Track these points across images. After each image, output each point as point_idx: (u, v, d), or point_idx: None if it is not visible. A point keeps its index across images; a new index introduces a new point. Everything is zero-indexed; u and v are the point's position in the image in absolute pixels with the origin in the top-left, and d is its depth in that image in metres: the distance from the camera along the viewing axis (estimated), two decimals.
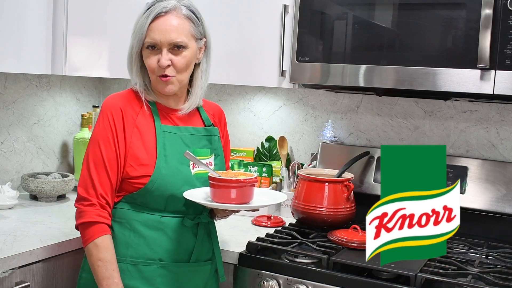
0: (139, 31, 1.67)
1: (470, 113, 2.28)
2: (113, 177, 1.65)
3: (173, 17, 1.66)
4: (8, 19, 2.17)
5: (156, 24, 1.65)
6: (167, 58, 1.65)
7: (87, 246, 1.62)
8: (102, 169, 1.64)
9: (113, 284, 1.59)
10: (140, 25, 1.67)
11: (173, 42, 1.65)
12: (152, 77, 1.70)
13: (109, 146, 1.65)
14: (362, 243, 1.95)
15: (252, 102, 2.67)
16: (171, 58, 1.66)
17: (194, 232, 1.73)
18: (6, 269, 1.73)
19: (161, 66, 1.65)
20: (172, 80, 1.67)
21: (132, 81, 1.75)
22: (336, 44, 2.05)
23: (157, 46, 1.65)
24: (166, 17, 1.66)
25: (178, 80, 1.69)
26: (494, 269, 1.83)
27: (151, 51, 1.67)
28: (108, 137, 1.65)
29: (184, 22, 1.67)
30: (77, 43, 2.43)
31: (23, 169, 2.60)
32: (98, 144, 1.66)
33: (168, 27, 1.65)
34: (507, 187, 2.12)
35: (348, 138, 2.49)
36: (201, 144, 1.77)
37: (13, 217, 2.18)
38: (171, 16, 1.66)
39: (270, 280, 1.84)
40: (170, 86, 1.68)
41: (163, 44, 1.65)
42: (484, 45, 1.78)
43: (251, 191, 1.67)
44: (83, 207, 1.63)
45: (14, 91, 2.54)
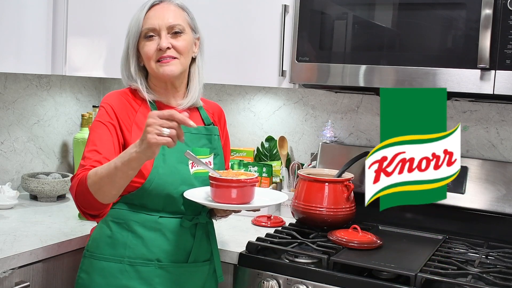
0: (135, 25, 1.69)
1: (470, 113, 2.28)
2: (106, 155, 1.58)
3: (168, 5, 1.71)
4: (8, 19, 2.17)
5: (152, 12, 1.69)
6: (167, 40, 1.66)
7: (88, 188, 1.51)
8: (92, 149, 1.61)
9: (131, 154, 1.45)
10: (135, 19, 1.69)
11: (171, 25, 1.67)
12: (151, 64, 1.69)
13: (103, 130, 1.64)
14: (362, 243, 1.95)
15: (252, 102, 2.67)
16: (171, 41, 1.68)
17: (192, 232, 1.73)
18: (6, 269, 1.73)
19: (161, 48, 1.66)
20: (173, 62, 1.68)
21: (126, 83, 1.75)
22: (336, 44, 2.05)
23: (155, 31, 1.67)
24: (161, 5, 1.70)
25: (181, 62, 1.70)
26: (494, 269, 1.83)
27: (148, 39, 1.68)
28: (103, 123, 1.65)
29: (180, 10, 1.72)
30: (77, 43, 2.43)
31: (23, 169, 2.60)
32: (92, 131, 1.66)
33: (166, 12, 1.68)
34: (507, 187, 2.12)
35: (348, 138, 2.48)
36: (200, 143, 1.77)
37: (13, 217, 2.18)
38: (166, 4, 1.71)
39: (270, 280, 1.84)
40: (171, 67, 1.68)
41: (161, 27, 1.67)
42: (484, 45, 1.78)
43: (252, 191, 1.66)
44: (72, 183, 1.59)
45: (14, 91, 2.54)
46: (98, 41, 2.47)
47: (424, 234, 2.20)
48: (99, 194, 1.52)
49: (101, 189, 1.51)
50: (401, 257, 1.90)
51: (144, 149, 1.41)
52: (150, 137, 1.38)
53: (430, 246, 2.04)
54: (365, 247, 1.94)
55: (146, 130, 1.39)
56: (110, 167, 1.49)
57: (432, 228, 2.21)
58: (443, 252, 1.97)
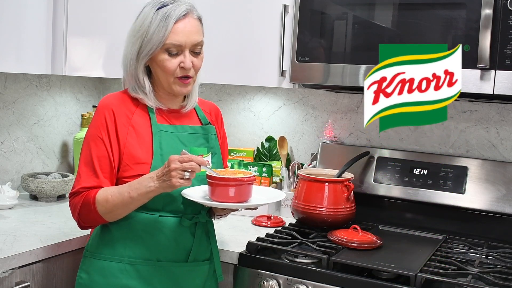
0: (157, 35, 1.64)
1: (470, 113, 2.28)
2: (103, 175, 1.65)
3: (192, 19, 1.69)
4: (8, 19, 2.17)
5: (179, 27, 1.65)
6: (190, 59, 1.68)
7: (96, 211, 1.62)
8: (90, 168, 1.65)
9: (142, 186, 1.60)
10: (158, 28, 1.64)
11: (196, 43, 1.68)
12: (169, 79, 1.69)
13: (99, 145, 1.66)
14: (362, 243, 1.95)
15: (252, 102, 2.67)
16: (192, 60, 1.69)
17: (192, 231, 1.73)
18: (6, 269, 1.73)
19: (186, 68, 1.67)
20: (190, 81, 1.71)
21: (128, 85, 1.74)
22: (336, 44, 2.05)
23: (180, 48, 1.66)
24: (186, 20, 1.67)
25: (194, 80, 1.74)
26: (494, 269, 1.83)
27: (171, 55, 1.67)
28: (99, 136, 1.66)
29: (199, 24, 1.72)
30: (77, 43, 2.43)
31: (23, 169, 2.60)
32: (88, 143, 1.68)
33: (191, 29, 1.67)
34: (507, 187, 2.12)
35: (348, 138, 2.48)
36: (198, 142, 1.77)
37: (13, 217, 2.18)
38: (190, 18, 1.68)
39: (270, 280, 1.84)
40: (189, 87, 1.72)
41: (187, 45, 1.67)
42: (484, 45, 1.78)
43: (249, 190, 1.67)
44: (71, 200, 1.68)
45: (14, 91, 2.54)
46: (98, 41, 2.47)
47: (424, 234, 2.20)
48: (110, 217, 1.65)
49: (112, 213, 1.63)
50: (401, 257, 1.90)
51: (166, 187, 1.57)
52: (174, 181, 1.54)
53: (430, 246, 2.04)
54: (365, 247, 1.94)
55: (170, 174, 1.53)
56: (124, 196, 1.61)
57: (432, 228, 2.21)
58: (443, 252, 1.97)
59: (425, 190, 2.22)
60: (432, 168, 2.23)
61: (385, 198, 2.29)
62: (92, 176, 1.65)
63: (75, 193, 1.66)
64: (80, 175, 1.66)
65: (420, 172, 2.24)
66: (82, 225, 1.69)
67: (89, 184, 1.64)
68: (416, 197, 2.24)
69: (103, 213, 1.62)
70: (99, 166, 1.65)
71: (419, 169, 2.25)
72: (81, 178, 1.66)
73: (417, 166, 2.26)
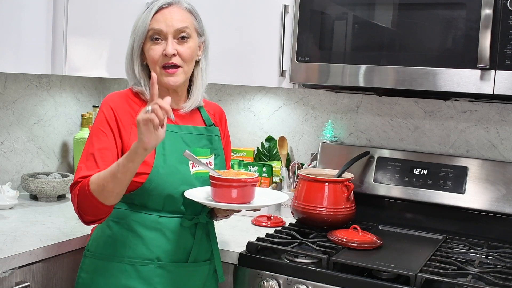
0: (141, 25, 1.67)
1: (470, 113, 2.28)
2: (103, 165, 1.61)
3: (176, 9, 1.69)
4: (8, 19, 2.17)
5: (160, 15, 1.67)
6: (173, 46, 1.66)
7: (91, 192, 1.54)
8: (90, 160, 1.63)
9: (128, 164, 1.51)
10: (142, 19, 1.67)
11: (178, 29, 1.66)
12: (156, 69, 1.68)
13: (101, 138, 1.65)
14: (362, 243, 1.95)
15: (252, 102, 2.67)
16: (177, 47, 1.67)
17: (192, 232, 1.73)
18: (6, 269, 1.73)
19: (167, 54, 1.65)
20: (177, 72, 1.68)
21: (130, 82, 1.75)
22: (336, 44, 2.05)
23: (161, 35, 1.66)
24: (169, 8, 1.68)
25: (184, 71, 1.70)
26: (494, 269, 1.83)
27: (154, 42, 1.67)
28: (101, 130, 1.65)
29: (187, 14, 1.70)
30: (77, 43, 2.43)
31: (23, 169, 2.60)
32: (91, 138, 1.67)
33: (173, 16, 1.67)
34: (507, 187, 2.12)
35: (348, 138, 2.48)
36: (201, 143, 1.77)
37: (13, 217, 2.18)
38: (174, 8, 1.69)
39: (270, 280, 1.84)
40: (175, 77, 1.68)
41: (168, 31, 1.66)
42: (484, 45, 1.78)
43: (252, 191, 1.66)
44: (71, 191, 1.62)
45: (14, 91, 2.54)
46: (98, 41, 2.47)
47: (424, 234, 2.20)
48: (103, 195, 1.54)
49: (104, 189, 1.54)
50: (401, 257, 1.90)
51: (143, 141, 1.45)
52: (137, 117, 1.44)
53: (430, 246, 2.04)
54: (365, 247, 1.94)
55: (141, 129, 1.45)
56: (112, 167, 1.53)
57: (432, 228, 2.21)
58: (443, 252, 1.97)
59: (425, 190, 2.22)
60: (432, 168, 2.23)
61: (385, 198, 2.29)
62: (92, 166, 1.62)
63: (75, 183, 1.61)
64: (81, 167, 1.63)
65: (420, 172, 2.24)
66: (83, 215, 1.61)
67: (88, 173, 1.60)
68: (416, 197, 2.24)
69: (97, 192, 1.54)
70: (100, 157, 1.63)
71: (419, 169, 2.25)
72: (81, 169, 1.63)
73: (417, 166, 2.26)
